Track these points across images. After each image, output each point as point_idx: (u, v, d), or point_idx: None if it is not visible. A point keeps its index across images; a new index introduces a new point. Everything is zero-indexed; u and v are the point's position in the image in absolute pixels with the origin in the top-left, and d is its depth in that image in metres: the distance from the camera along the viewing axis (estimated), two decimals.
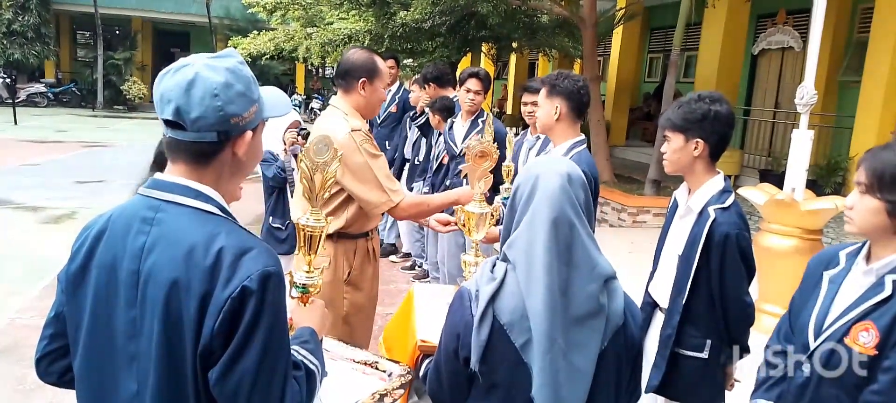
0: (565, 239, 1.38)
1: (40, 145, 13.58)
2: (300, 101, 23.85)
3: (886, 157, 1.59)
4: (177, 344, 1.17)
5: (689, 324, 2.25)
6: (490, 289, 1.41)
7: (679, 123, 2.24)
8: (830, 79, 9.72)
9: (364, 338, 2.85)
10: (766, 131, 10.87)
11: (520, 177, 1.50)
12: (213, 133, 1.21)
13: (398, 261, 6.34)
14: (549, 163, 1.50)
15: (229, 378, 1.16)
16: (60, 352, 1.36)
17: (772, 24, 10.83)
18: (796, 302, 1.87)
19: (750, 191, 4.84)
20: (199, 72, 1.19)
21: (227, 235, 1.19)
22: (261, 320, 1.16)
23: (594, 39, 9.69)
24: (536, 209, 1.40)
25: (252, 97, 1.25)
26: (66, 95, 23.55)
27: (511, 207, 1.49)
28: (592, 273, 1.39)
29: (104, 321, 1.24)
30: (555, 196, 1.40)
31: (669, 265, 2.36)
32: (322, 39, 11.02)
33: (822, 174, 8.32)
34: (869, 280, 1.64)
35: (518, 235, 1.42)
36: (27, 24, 21.79)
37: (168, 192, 1.23)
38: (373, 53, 2.73)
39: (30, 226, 7.23)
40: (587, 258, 1.39)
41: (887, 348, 1.53)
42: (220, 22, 24.02)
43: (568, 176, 1.43)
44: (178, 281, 1.15)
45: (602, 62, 15.47)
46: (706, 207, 2.22)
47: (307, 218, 1.63)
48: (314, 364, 1.37)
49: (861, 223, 1.63)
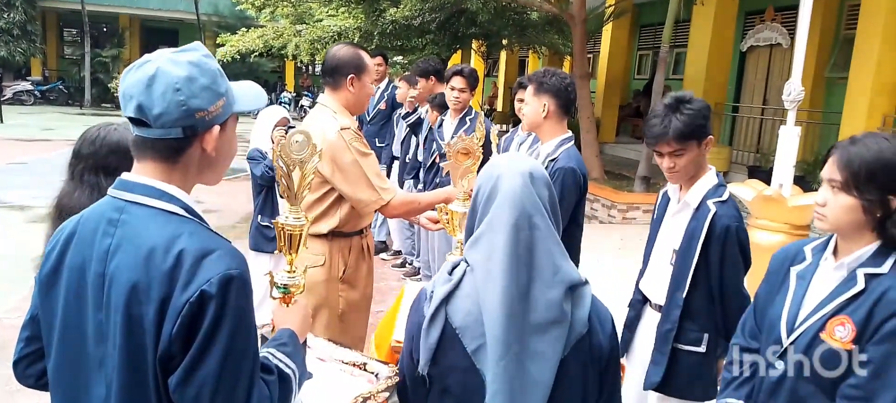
0: (526, 242, 1.31)
1: (27, 143, 13.45)
2: (290, 99, 23.74)
3: (859, 152, 1.56)
4: (138, 349, 1.14)
5: (688, 319, 2.25)
6: (444, 290, 1.36)
7: (690, 131, 2.18)
8: (818, 76, 9.80)
9: (360, 336, 2.85)
10: (755, 127, 10.95)
11: (481, 175, 1.44)
12: (177, 129, 1.17)
13: (389, 259, 6.34)
14: (510, 162, 1.41)
15: (189, 386, 1.12)
16: (37, 355, 1.34)
17: (760, 20, 10.89)
18: (761, 298, 1.85)
19: (738, 187, 4.88)
20: (161, 66, 1.16)
21: (188, 237, 1.15)
22: (222, 325, 1.12)
23: (584, 36, 9.71)
24: (496, 210, 1.34)
25: (218, 91, 1.21)
26: (53, 93, 23.35)
27: (472, 207, 1.44)
28: (555, 278, 1.32)
29: (75, 324, 1.22)
30: (516, 196, 1.33)
31: (662, 261, 2.36)
32: (311, 37, 10.97)
33: (810, 170, 8.38)
34: (840, 274, 1.63)
35: (478, 236, 1.36)
36: (13, 21, 21.58)
37: (132, 193, 1.20)
38: (359, 49, 2.72)
39: (17, 225, 7.17)
40: (550, 262, 1.32)
41: (863, 341, 1.53)
42: (208, 19, 23.88)
43: (530, 174, 1.36)
44: (138, 285, 1.12)
45: (592, 59, 15.51)
46: (705, 201, 2.23)
47: (287, 217, 1.59)
48: (290, 368, 1.33)
49: (834, 220, 1.61)
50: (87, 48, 22.47)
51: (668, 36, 8.62)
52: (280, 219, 1.59)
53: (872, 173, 1.54)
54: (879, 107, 8.13)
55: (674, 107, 2.18)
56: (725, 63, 10.83)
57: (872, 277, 1.56)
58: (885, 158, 1.54)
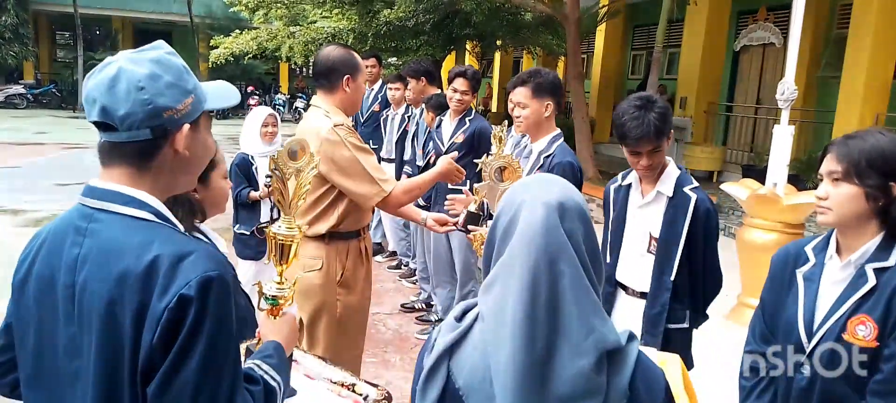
0: (548, 294, 1.01)
1: (20, 147, 13.37)
2: (284, 101, 23.67)
3: (856, 144, 1.60)
4: (114, 362, 1.09)
5: (674, 299, 2.36)
6: (448, 340, 1.10)
7: (664, 128, 2.27)
8: (810, 75, 9.84)
9: (358, 340, 2.83)
10: (748, 127, 10.98)
11: (503, 199, 1.15)
12: (145, 130, 1.13)
13: (384, 261, 6.32)
14: (537, 187, 1.10)
15: (167, 393, 1.07)
16: (10, 365, 1.28)
17: (753, 20, 10.93)
18: (768, 302, 1.85)
19: (732, 186, 4.89)
20: (122, 66, 1.12)
21: (162, 242, 1.10)
22: (202, 329, 1.07)
23: (578, 37, 9.73)
24: (514, 250, 1.05)
25: (185, 87, 1.17)
26: (45, 97, 23.22)
27: (488, 240, 1.15)
28: (585, 342, 1.01)
29: (48, 337, 1.17)
30: (537, 234, 1.03)
31: (637, 250, 2.45)
32: (305, 38, 10.97)
33: (803, 169, 8.41)
34: (848, 273, 1.64)
35: (492, 280, 1.08)
36: (4, 24, 21.45)
37: (100, 200, 1.15)
38: (350, 49, 2.74)
39: (9, 230, 7.13)
40: (581, 322, 1.01)
41: (885, 337, 1.54)
42: (201, 21, 23.80)
43: (560, 205, 1.06)
44: (111, 295, 1.08)
45: (586, 59, 15.51)
46: (680, 189, 2.34)
47: (279, 226, 1.53)
48: (275, 381, 1.28)
49: (838, 211, 1.62)
50: (79, 51, 22.35)
51: (661, 36, 8.65)
52: (272, 228, 1.54)
53: (872, 160, 1.57)
54: (872, 105, 8.17)
55: (646, 106, 2.25)
56: (719, 63, 10.88)
57: (881, 271, 1.58)
58: (882, 146, 1.58)
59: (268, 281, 1.53)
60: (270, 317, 1.49)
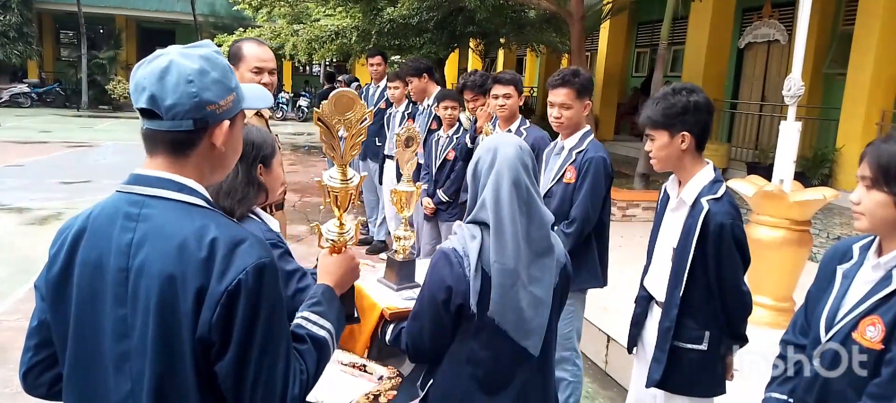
0: (524, 195, 1.70)
1: (24, 146, 13.41)
2: (287, 99, 23.70)
3: (889, 149, 1.57)
4: (174, 338, 1.16)
5: (688, 316, 2.24)
6: (476, 246, 1.70)
7: (661, 120, 2.24)
8: (816, 72, 9.80)
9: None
10: (753, 124, 10.94)
11: (479, 150, 1.78)
12: (189, 121, 1.18)
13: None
14: (504, 138, 1.79)
15: (239, 372, 1.17)
16: (48, 363, 1.32)
17: (757, 17, 10.88)
18: (812, 296, 1.86)
19: (738, 183, 4.86)
20: (174, 59, 1.18)
21: (217, 227, 1.18)
22: (259, 312, 1.17)
23: (582, 34, 9.69)
24: (499, 172, 1.70)
25: (228, 85, 1.23)
26: (49, 95, 23.26)
27: (473, 177, 1.77)
28: (542, 220, 1.74)
29: (90, 322, 1.21)
30: (513, 160, 1.71)
31: (664, 258, 2.35)
32: (309, 36, 10.95)
33: (809, 166, 8.38)
34: (878, 274, 1.63)
35: (484, 197, 1.71)
36: (8, 23, 21.51)
37: (150, 187, 1.20)
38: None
39: (14, 228, 7.14)
40: (539, 210, 1.74)
41: (891, 341, 1.52)
42: (205, 19, 23.82)
43: (520, 146, 1.75)
44: (173, 275, 1.14)
45: (590, 57, 15.50)
46: (699, 198, 2.21)
47: (329, 177, 1.58)
48: (325, 329, 1.38)
49: (870, 217, 1.62)
50: (83, 50, 22.39)
51: (666, 33, 8.61)
52: (324, 178, 1.58)
53: None
54: (878, 102, 8.13)
55: (672, 92, 2.28)
56: (723, 60, 10.83)
57: None
58: None
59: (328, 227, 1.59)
60: (328, 256, 1.56)
